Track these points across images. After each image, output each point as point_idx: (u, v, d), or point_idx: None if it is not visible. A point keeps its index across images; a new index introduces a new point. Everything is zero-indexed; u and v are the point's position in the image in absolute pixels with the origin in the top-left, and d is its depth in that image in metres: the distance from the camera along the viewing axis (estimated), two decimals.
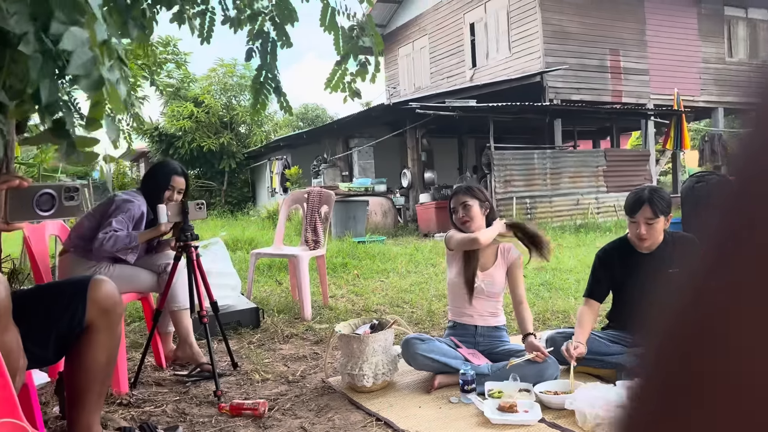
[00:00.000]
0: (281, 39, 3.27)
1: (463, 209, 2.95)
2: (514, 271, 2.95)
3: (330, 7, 3.17)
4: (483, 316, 2.95)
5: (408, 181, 11.64)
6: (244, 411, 2.53)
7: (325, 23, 3.20)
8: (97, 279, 1.89)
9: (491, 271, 2.94)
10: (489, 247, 2.97)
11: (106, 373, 1.90)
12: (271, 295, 4.99)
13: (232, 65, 19.14)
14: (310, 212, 4.61)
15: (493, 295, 2.94)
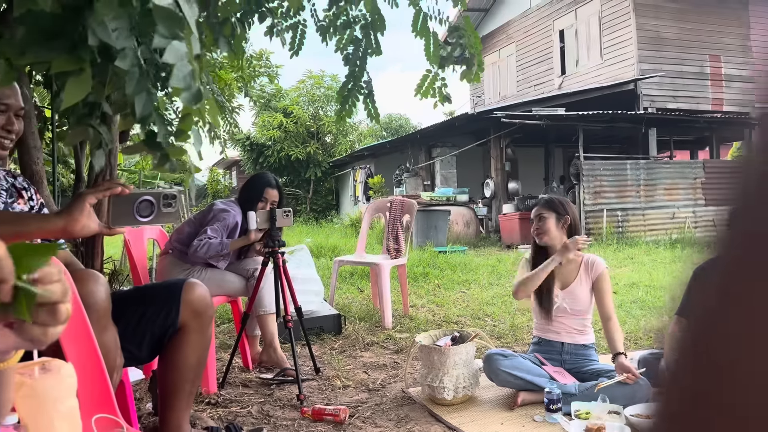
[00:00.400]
0: (371, 47, 3.30)
1: (538, 221, 2.86)
2: (601, 286, 2.80)
3: (422, 12, 3.17)
4: (570, 334, 2.83)
5: (491, 191, 11.47)
6: (325, 416, 2.55)
7: (417, 29, 3.20)
8: (190, 282, 1.97)
9: (573, 287, 2.81)
10: (570, 262, 2.86)
11: (197, 373, 1.97)
12: (353, 303, 5.04)
13: (320, 77, 19.66)
14: (392, 221, 4.63)
15: (579, 312, 2.81)
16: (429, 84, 3.27)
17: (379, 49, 3.31)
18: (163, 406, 1.96)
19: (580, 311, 2.80)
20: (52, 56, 1.12)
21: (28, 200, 1.80)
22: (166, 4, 1.04)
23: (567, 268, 2.85)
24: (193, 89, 1.12)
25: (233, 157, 21.78)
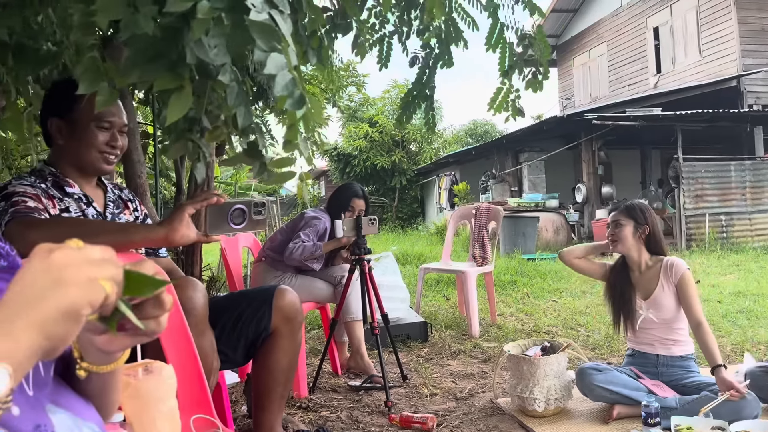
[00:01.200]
0: (443, 57, 3.27)
1: (614, 227, 2.73)
2: (684, 290, 2.59)
3: (499, 23, 3.11)
4: (665, 345, 2.67)
5: (583, 196, 11.07)
6: (413, 424, 2.55)
7: (491, 42, 3.15)
8: (281, 289, 2.03)
9: (656, 296, 2.65)
10: (648, 269, 2.70)
11: (288, 377, 2.03)
12: (439, 310, 5.01)
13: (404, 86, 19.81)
14: (477, 228, 4.57)
15: (667, 321, 2.64)
16: (503, 98, 3.20)
17: (451, 61, 3.27)
18: (257, 408, 2.03)
19: (669, 320, 2.64)
20: (154, 75, 1.19)
21: (133, 211, 1.93)
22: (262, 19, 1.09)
23: (645, 276, 2.70)
24: (296, 95, 1.15)
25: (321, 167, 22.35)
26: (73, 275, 0.57)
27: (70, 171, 1.76)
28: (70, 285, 0.56)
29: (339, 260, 3.48)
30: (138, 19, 1.09)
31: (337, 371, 3.41)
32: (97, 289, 0.58)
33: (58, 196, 1.68)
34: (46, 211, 1.59)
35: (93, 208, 1.76)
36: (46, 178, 1.71)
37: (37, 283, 0.57)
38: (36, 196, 1.60)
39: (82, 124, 1.72)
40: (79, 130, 1.72)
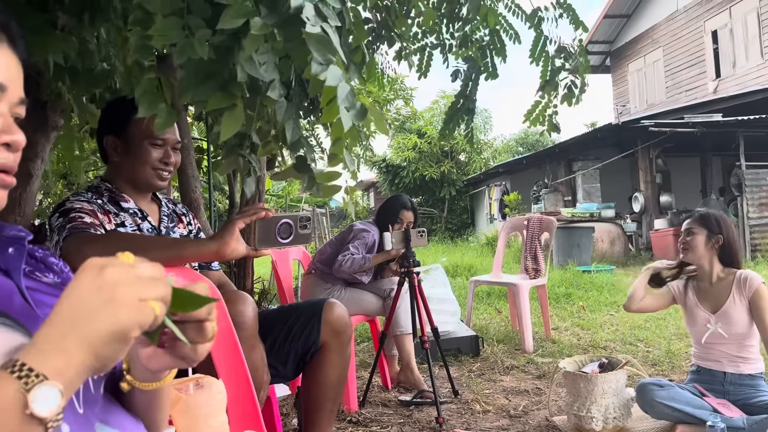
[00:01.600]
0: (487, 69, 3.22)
1: (687, 235, 2.61)
2: (758, 304, 2.43)
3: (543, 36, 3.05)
4: (733, 362, 2.52)
5: (640, 205, 10.72)
6: None
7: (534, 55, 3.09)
8: (330, 302, 2.02)
9: (727, 309, 2.50)
10: (720, 281, 2.56)
11: (337, 391, 2.01)
12: (490, 324, 4.91)
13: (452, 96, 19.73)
14: (529, 239, 4.47)
15: (738, 337, 2.49)
16: (540, 111, 3.13)
17: (495, 72, 3.22)
18: (307, 422, 2.02)
19: (740, 335, 2.49)
20: (207, 95, 1.20)
21: (186, 225, 1.96)
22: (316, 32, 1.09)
23: (716, 288, 2.56)
24: (357, 106, 1.15)
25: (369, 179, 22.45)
26: (124, 295, 0.56)
27: (126, 187, 1.80)
28: (122, 306, 0.56)
29: (388, 273, 3.46)
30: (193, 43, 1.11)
31: (387, 385, 3.37)
32: (147, 311, 0.58)
33: (113, 212, 1.72)
34: (102, 226, 1.63)
35: (148, 223, 1.79)
36: (102, 194, 1.76)
37: (90, 301, 0.56)
38: (92, 212, 1.64)
39: (136, 141, 1.76)
40: (134, 147, 1.76)
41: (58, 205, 1.67)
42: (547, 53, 3.07)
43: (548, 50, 3.10)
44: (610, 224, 10.37)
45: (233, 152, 1.57)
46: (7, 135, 0.71)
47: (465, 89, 3.09)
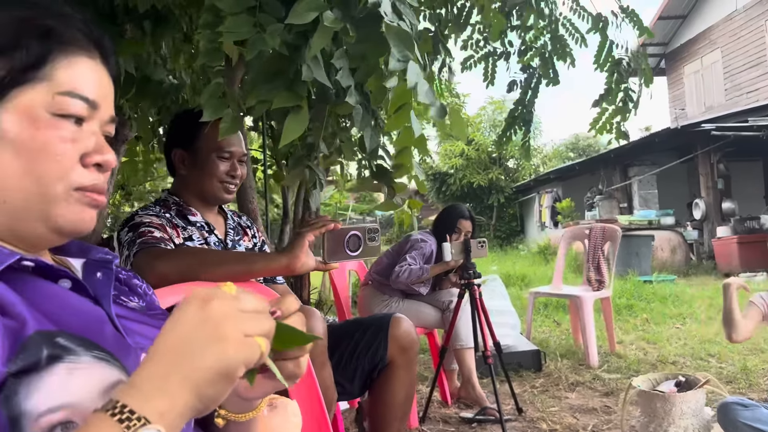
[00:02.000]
0: (548, 75, 3.12)
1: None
2: None
3: (608, 41, 2.93)
4: None
5: (701, 212, 10.28)
6: None
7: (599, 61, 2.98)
8: (396, 317, 1.96)
9: None
10: None
11: (405, 410, 1.94)
12: (550, 337, 4.75)
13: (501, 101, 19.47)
14: (592, 249, 4.31)
15: None
16: (607, 119, 3.00)
17: (557, 78, 3.12)
18: None
19: None
20: (273, 95, 1.16)
21: (251, 237, 1.93)
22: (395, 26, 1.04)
23: None
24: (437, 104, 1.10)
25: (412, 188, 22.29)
26: (231, 332, 0.52)
27: (193, 200, 1.78)
28: (229, 344, 0.52)
29: (447, 284, 3.37)
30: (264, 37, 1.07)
31: (447, 401, 3.28)
32: (254, 348, 0.53)
33: (181, 225, 1.70)
34: (171, 240, 1.61)
35: (215, 236, 1.77)
36: (170, 208, 1.74)
37: (195, 337, 0.52)
38: (162, 226, 1.62)
39: (203, 154, 1.74)
40: (201, 160, 1.74)
41: (126, 220, 1.66)
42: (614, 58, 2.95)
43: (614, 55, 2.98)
44: (670, 232, 9.99)
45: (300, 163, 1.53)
46: (99, 155, 0.68)
47: (524, 97, 3.00)
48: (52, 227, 0.66)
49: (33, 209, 0.65)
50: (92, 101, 0.67)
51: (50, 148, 0.64)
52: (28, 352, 0.56)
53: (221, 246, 1.78)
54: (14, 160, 0.63)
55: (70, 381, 0.57)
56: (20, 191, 0.64)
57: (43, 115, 0.64)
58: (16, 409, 0.54)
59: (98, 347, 0.62)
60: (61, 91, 0.65)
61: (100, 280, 0.72)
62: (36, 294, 0.63)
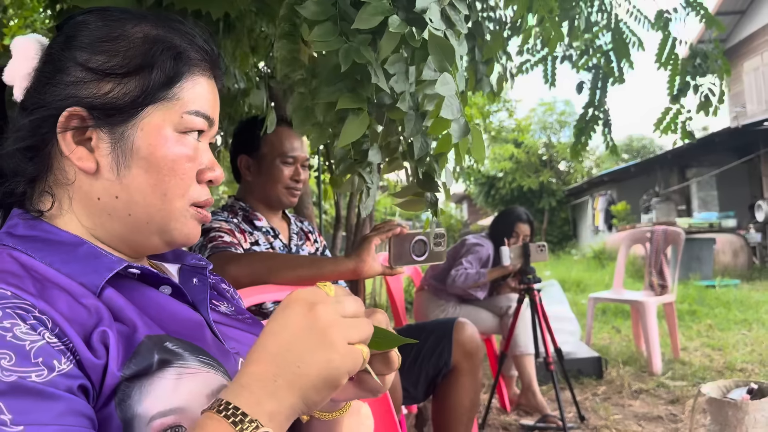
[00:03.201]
0: (612, 74, 3.05)
1: None
2: None
3: (671, 37, 2.84)
4: None
5: (764, 214, 9.84)
6: None
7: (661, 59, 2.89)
8: (460, 322, 1.94)
9: None
10: None
11: (470, 417, 1.92)
12: (611, 343, 4.63)
13: (551, 103, 19.17)
14: (654, 253, 4.18)
15: None
16: (672, 119, 2.90)
17: (622, 77, 3.04)
18: None
19: None
20: (336, 97, 1.17)
21: (313, 242, 1.96)
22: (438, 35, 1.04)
23: None
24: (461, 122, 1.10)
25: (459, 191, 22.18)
26: (337, 340, 0.53)
27: (258, 205, 1.82)
28: (335, 352, 0.53)
29: (506, 289, 3.32)
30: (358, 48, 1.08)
31: (506, 408, 3.23)
32: (357, 356, 0.54)
33: (248, 230, 1.74)
34: (240, 245, 1.65)
35: (280, 241, 1.80)
36: (237, 213, 1.78)
37: (302, 343, 0.53)
38: (230, 231, 1.66)
39: (268, 160, 1.78)
40: (266, 166, 1.78)
41: None
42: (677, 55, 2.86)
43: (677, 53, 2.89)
44: (732, 235, 9.59)
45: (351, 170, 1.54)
46: (211, 172, 0.71)
47: (593, 98, 2.94)
48: (167, 240, 0.69)
49: (154, 223, 0.68)
50: (211, 119, 0.71)
51: (177, 167, 0.67)
52: (141, 356, 0.58)
53: (286, 250, 1.81)
54: (145, 177, 0.66)
55: (179, 385, 0.59)
56: (147, 206, 0.67)
57: (172, 133, 0.67)
58: (129, 412, 0.56)
59: (204, 352, 0.64)
60: (188, 111, 0.68)
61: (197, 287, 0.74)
62: (141, 299, 0.66)
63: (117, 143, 0.65)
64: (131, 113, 0.65)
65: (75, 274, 0.62)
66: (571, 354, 3.71)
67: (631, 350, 4.24)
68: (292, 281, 1.45)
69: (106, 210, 0.66)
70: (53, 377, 0.51)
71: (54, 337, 0.54)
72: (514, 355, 3.12)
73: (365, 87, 1.21)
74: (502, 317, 3.20)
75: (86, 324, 0.57)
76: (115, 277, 0.64)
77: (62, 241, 0.65)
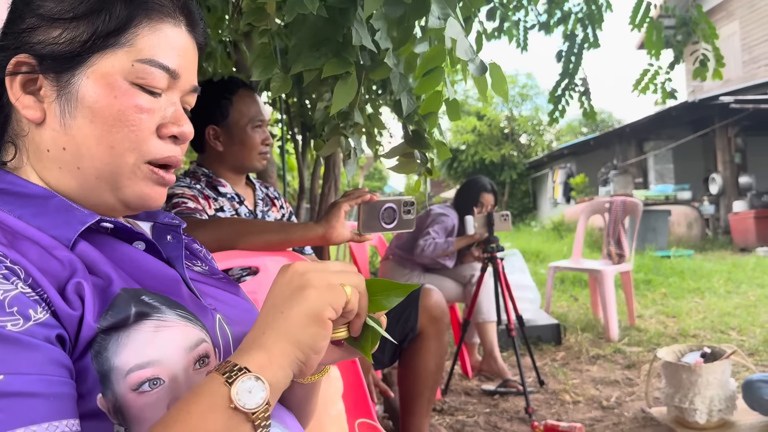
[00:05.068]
0: (588, 40, 3.09)
1: None
2: None
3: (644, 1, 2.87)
4: None
5: (718, 187, 10.18)
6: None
7: (635, 21, 2.91)
8: (427, 288, 1.96)
9: None
10: None
11: (435, 380, 1.95)
12: (569, 311, 4.75)
13: (513, 76, 19.26)
14: (613, 223, 4.28)
15: None
16: (650, 79, 2.95)
17: (597, 42, 3.07)
18: (404, 411, 1.97)
19: None
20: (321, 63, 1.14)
21: (279, 209, 1.93)
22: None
23: None
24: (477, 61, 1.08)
25: None
26: (313, 279, 0.56)
27: (223, 171, 1.78)
28: (311, 287, 0.55)
29: (469, 258, 3.36)
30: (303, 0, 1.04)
31: (468, 373, 3.30)
32: (338, 291, 0.56)
33: (212, 197, 1.71)
34: (204, 211, 1.61)
35: (245, 207, 1.77)
36: (200, 179, 1.74)
37: (283, 293, 0.56)
38: (194, 197, 1.63)
39: (239, 127, 1.73)
40: (239, 134, 1.73)
41: None
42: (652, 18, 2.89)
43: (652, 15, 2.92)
44: (687, 207, 9.91)
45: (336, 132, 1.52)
46: (176, 126, 0.67)
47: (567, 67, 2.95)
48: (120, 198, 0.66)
49: (104, 178, 0.64)
50: (173, 70, 0.66)
51: (125, 118, 0.63)
52: (117, 308, 0.57)
53: (251, 217, 1.78)
54: (90, 127, 0.62)
55: (157, 338, 0.58)
56: (93, 159, 0.63)
57: (121, 83, 0.63)
58: (106, 364, 0.55)
59: (181, 306, 0.63)
60: (141, 59, 0.63)
61: (171, 243, 0.72)
62: (115, 254, 0.64)
63: (62, 91, 0.62)
64: (78, 60, 0.62)
65: (46, 227, 0.60)
66: (531, 321, 3.79)
67: (589, 317, 4.37)
68: (260, 246, 1.43)
69: (56, 163, 0.64)
70: (30, 326, 0.50)
71: (28, 287, 0.52)
72: (477, 322, 3.17)
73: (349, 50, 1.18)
74: (466, 285, 3.24)
75: (60, 276, 0.56)
76: (87, 231, 0.62)
77: (31, 194, 0.62)
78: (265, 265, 1.46)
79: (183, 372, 0.59)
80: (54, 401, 0.49)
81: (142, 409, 0.56)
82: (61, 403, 0.50)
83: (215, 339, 0.64)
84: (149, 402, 0.56)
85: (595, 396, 2.86)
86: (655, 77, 2.94)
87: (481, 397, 2.97)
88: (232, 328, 0.68)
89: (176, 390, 0.58)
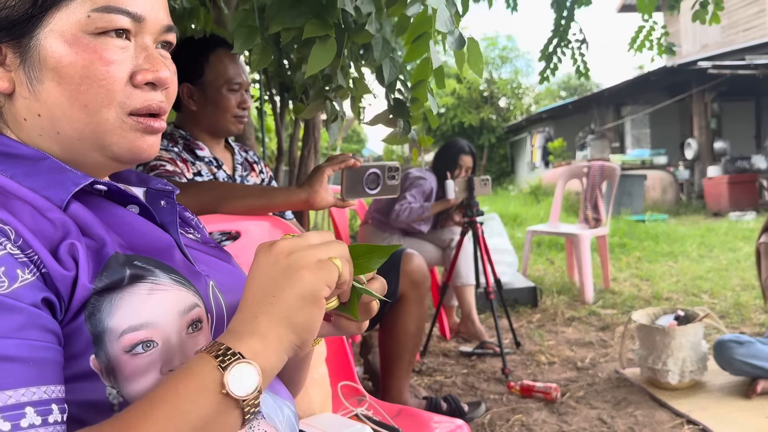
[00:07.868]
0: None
1: None
2: None
3: None
4: None
5: (693, 152, 10.31)
6: (535, 393, 2.45)
7: None
8: (408, 253, 1.96)
9: None
10: None
11: (415, 343, 1.97)
12: (545, 274, 4.83)
13: (494, 38, 19.09)
14: (590, 188, 4.32)
15: None
16: (645, 36, 2.93)
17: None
18: (385, 374, 1.99)
19: None
20: (300, 22, 1.11)
21: (259, 173, 1.90)
22: None
23: None
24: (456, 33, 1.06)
25: None
26: (301, 259, 0.54)
27: (201, 134, 1.74)
28: (302, 269, 0.54)
29: (449, 222, 3.37)
30: None
31: (446, 335, 3.35)
32: (329, 267, 0.55)
33: (190, 160, 1.67)
34: (183, 175, 1.58)
35: (223, 171, 1.74)
36: (177, 142, 1.70)
37: (270, 276, 0.54)
38: (172, 160, 1.59)
39: (214, 88, 1.68)
40: (212, 95, 1.69)
41: None
42: None
43: None
44: (662, 172, 10.04)
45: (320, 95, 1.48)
46: (150, 72, 0.63)
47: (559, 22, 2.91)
48: (109, 155, 0.63)
49: (86, 139, 0.62)
50: (134, 13, 0.61)
51: (92, 73, 0.59)
52: (112, 269, 0.56)
53: (230, 181, 1.75)
54: (58, 89, 0.59)
55: (151, 300, 0.57)
56: (70, 121, 0.60)
57: (81, 37, 0.59)
58: (99, 326, 0.54)
59: (174, 271, 0.61)
60: (96, 8, 0.59)
61: (165, 208, 0.71)
62: (108, 217, 0.62)
63: (24, 57, 0.59)
64: (33, 22, 0.58)
65: (39, 188, 0.58)
66: (508, 284, 3.85)
67: (565, 280, 4.44)
68: (241, 211, 1.41)
69: (35, 131, 0.61)
70: (15, 288, 0.49)
71: (17, 248, 0.51)
72: (456, 286, 3.20)
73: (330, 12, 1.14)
74: (445, 249, 3.26)
75: (52, 237, 0.55)
76: (80, 193, 0.60)
77: (23, 154, 0.60)
78: (246, 229, 1.44)
79: (176, 335, 0.58)
80: (34, 366, 0.48)
81: (135, 371, 0.56)
82: (41, 368, 0.49)
83: (208, 305, 0.64)
84: (142, 364, 0.56)
85: (570, 357, 2.93)
86: (650, 34, 2.92)
87: (458, 358, 3.02)
88: (225, 296, 0.67)
89: (169, 353, 0.57)
